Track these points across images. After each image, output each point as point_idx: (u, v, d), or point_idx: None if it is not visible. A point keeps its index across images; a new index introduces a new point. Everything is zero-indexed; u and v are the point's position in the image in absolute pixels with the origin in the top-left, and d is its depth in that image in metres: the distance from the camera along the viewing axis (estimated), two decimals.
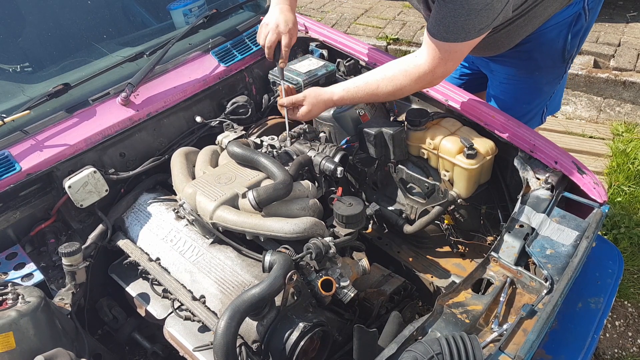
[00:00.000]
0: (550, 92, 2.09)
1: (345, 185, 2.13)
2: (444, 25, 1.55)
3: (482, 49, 1.95)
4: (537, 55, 1.93)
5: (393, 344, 1.24)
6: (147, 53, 2.00)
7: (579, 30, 1.88)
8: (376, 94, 1.76)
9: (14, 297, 1.38)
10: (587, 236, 1.48)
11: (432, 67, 1.65)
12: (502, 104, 2.10)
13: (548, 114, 2.20)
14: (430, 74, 1.67)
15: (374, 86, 1.75)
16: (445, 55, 1.62)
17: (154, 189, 1.94)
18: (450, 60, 1.64)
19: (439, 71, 1.66)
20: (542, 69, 1.98)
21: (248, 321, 1.41)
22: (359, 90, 1.77)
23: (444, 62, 1.63)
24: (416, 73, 1.68)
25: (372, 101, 1.96)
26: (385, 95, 1.77)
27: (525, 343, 1.24)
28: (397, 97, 1.83)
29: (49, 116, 1.81)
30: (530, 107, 2.11)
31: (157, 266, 1.68)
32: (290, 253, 1.52)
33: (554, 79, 2.04)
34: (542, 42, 1.89)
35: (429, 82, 1.74)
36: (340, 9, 5.19)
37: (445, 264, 1.92)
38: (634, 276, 2.66)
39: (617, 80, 3.76)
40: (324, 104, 1.83)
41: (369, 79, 1.77)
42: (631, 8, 4.43)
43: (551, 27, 1.85)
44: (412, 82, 1.70)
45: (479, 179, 1.81)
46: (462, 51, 1.64)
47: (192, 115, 2.06)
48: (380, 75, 1.75)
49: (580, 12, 1.84)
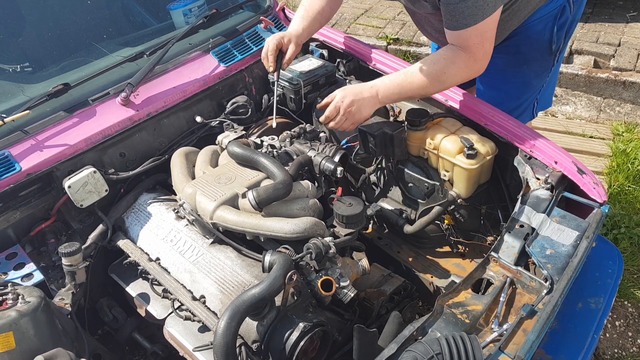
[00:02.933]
0: (539, 85, 2.11)
1: (345, 185, 2.13)
2: (458, 13, 1.57)
3: None
4: (525, 49, 1.96)
5: (393, 344, 1.24)
6: (147, 53, 2.00)
7: (564, 23, 1.92)
8: (423, 86, 1.73)
9: (14, 297, 1.38)
10: (587, 236, 1.48)
11: (471, 51, 1.65)
12: (492, 99, 2.10)
13: (539, 109, 2.22)
14: (471, 60, 1.67)
15: (418, 92, 1.75)
16: (477, 40, 1.63)
17: (154, 189, 1.94)
18: (487, 41, 1.66)
19: (480, 55, 1.66)
20: (530, 62, 2.00)
21: (248, 321, 1.41)
22: (404, 84, 1.74)
23: (480, 45, 1.65)
24: (462, 63, 1.68)
25: (419, 96, 1.88)
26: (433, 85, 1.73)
27: (525, 343, 1.24)
28: (445, 88, 1.81)
29: (49, 116, 1.81)
30: (520, 101, 2.13)
31: (157, 266, 1.68)
32: (290, 253, 1.52)
33: (542, 72, 2.06)
34: (529, 35, 1.92)
35: (477, 70, 1.72)
36: (340, 9, 5.16)
37: (445, 264, 1.92)
38: (634, 276, 2.66)
39: (617, 80, 3.76)
40: (370, 101, 1.76)
41: (414, 70, 1.73)
42: (631, 8, 4.43)
43: (537, 20, 1.89)
44: (459, 72, 1.70)
45: (479, 179, 1.81)
46: (491, 29, 1.65)
47: (192, 115, 2.06)
48: (427, 67, 1.71)
49: (565, 5, 1.88)
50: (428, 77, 1.71)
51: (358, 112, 1.76)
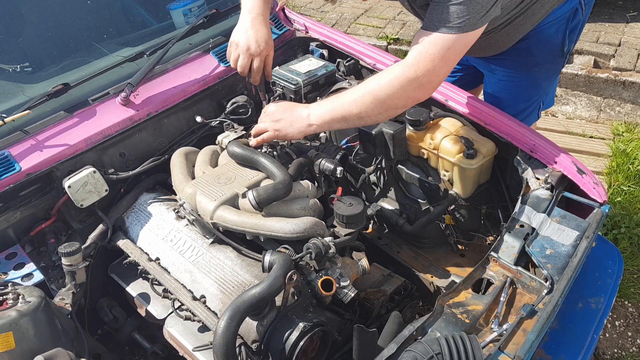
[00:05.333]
0: (547, 87, 2.11)
1: (345, 185, 2.13)
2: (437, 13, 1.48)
3: (482, 50, 1.95)
4: (536, 52, 1.94)
5: (393, 344, 1.24)
6: (147, 53, 2.00)
7: (576, 25, 1.91)
8: (360, 116, 1.54)
9: (14, 297, 1.38)
10: (587, 236, 1.48)
11: (420, 66, 1.49)
12: (500, 102, 2.10)
13: (543, 108, 2.21)
14: (414, 79, 1.50)
15: (351, 107, 1.54)
16: (435, 50, 1.49)
17: (154, 189, 1.94)
18: (443, 60, 1.50)
19: (426, 77, 1.49)
20: (541, 65, 1.99)
21: (248, 321, 1.41)
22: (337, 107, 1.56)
23: (432, 61, 1.49)
24: (407, 77, 1.50)
25: (356, 126, 1.69)
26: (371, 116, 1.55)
27: (525, 343, 1.24)
28: (387, 116, 1.60)
29: (49, 116, 1.81)
30: (529, 103, 2.12)
31: (157, 266, 1.68)
32: (290, 253, 1.52)
33: (552, 75, 2.06)
34: (541, 39, 1.90)
35: (416, 93, 1.54)
36: (340, 9, 5.19)
37: (445, 264, 1.92)
38: (634, 276, 2.66)
39: (617, 80, 3.76)
40: (299, 121, 1.61)
41: (346, 100, 1.54)
42: (631, 8, 4.43)
43: (550, 23, 1.87)
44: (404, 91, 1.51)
45: (478, 179, 1.81)
46: (454, 53, 1.52)
47: (192, 115, 2.06)
48: (362, 91, 1.52)
49: (577, 7, 1.87)
50: (366, 101, 1.54)
51: (285, 128, 1.66)
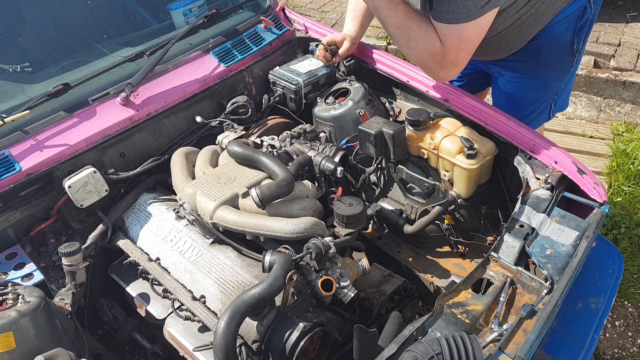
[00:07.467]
0: (558, 87, 2.09)
1: (345, 185, 2.13)
2: (445, 5, 1.55)
3: (493, 52, 1.95)
4: (546, 51, 1.94)
5: (393, 344, 1.24)
6: (147, 53, 2.00)
7: (585, 23, 1.91)
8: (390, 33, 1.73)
9: (14, 297, 1.38)
10: (587, 236, 1.48)
11: (445, 49, 1.63)
12: (510, 103, 2.10)
13: (556, 110, 2.19)
14: (440, 54, 1.64)
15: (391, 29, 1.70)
16: (454, 42, 1.61)
17: (154, 189, 1.94)
18: (462, 50, 1.63)
19: (450, 57, 1.64)
20: (551, 65, 1.99)
21: (248, 321, 1.41)
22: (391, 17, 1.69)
23: (455, 49, 1.62)
24: (434, 46, 1.64)
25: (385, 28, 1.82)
26: (396, 39, 1.72)
27: (525, 343, 1.24)
28: (403, 51, 1.76)
29: (49, 116, 1.81)
30: (539, 104, 2.12)
31: (157, 266, 1.68)
32: (290, 253, 1.52)
33: (562, 74, 2.04)
34: (551, 38, 1.90)
35: (439, 63, 1.68)
36: (340, 9, 5.19)
37: (445, 264, 1.92)
38: (634, 276, 2.66)
39: (617, 80, 3.76)
40: None
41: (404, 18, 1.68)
42: (631, 8, 4.43)
43: (559, 22, 1.87)
44: (424, 52, 1.66)
45: (479, 179, 1.81)
46: (471, 39, 1.62)
47: (192, 115, 2.06)
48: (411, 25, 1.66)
49: (587, 5, 1.87)
50: (399, 29, 1.69)
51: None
